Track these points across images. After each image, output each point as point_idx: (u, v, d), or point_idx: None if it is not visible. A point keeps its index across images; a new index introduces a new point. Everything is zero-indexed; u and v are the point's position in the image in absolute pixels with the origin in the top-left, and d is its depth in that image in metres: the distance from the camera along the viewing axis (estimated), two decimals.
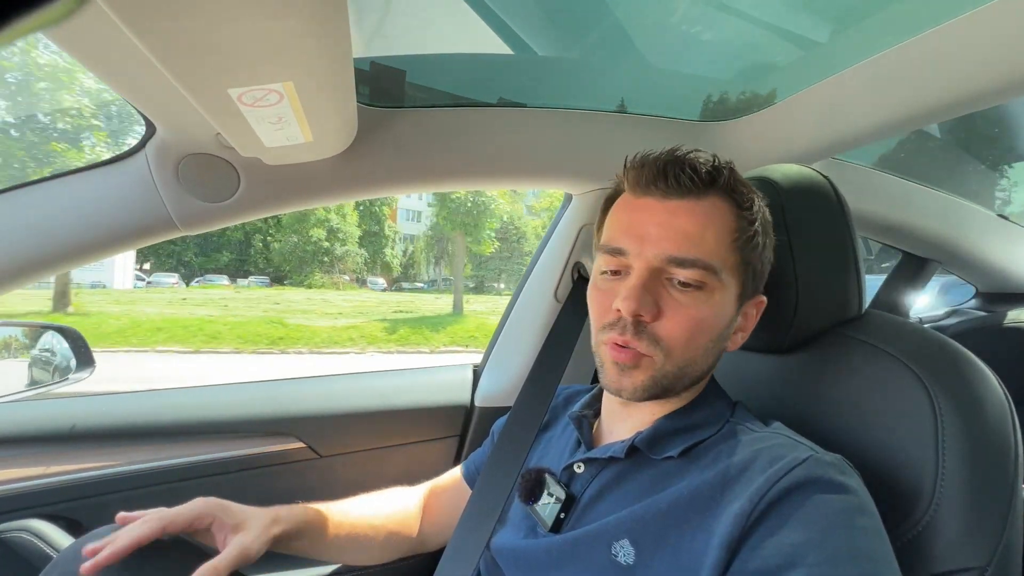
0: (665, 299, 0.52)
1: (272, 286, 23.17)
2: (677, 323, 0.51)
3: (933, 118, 0.76)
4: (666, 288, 0.52)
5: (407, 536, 0.78)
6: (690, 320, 0.51)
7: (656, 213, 0.53)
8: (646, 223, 0.53)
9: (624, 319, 0.52)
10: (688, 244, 0.51)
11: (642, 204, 0.54)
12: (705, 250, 0.51)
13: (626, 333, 0.52)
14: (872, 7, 0.73)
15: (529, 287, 1.13)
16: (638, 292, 0.51)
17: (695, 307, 0.51)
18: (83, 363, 1.02)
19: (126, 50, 0.51)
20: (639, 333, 0.52)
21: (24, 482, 0.86)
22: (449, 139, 0.85)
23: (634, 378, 0.53)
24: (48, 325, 1.07)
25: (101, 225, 0.76)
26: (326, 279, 23.18)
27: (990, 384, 0.53)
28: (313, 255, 23.08)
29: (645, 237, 0.52)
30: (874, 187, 1.18)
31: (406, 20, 0.82)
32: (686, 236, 0.51)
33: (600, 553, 0.51)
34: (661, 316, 0.51)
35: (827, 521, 0.43)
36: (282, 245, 23.21)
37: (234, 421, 0.98)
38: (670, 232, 0.51)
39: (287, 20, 0.45)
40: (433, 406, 1.10)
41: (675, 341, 0.52)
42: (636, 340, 0.51)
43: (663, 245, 0.51)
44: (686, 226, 0.51)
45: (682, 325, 0.51)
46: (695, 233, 0.51)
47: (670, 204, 0.52)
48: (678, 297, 0.51)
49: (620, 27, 0.81)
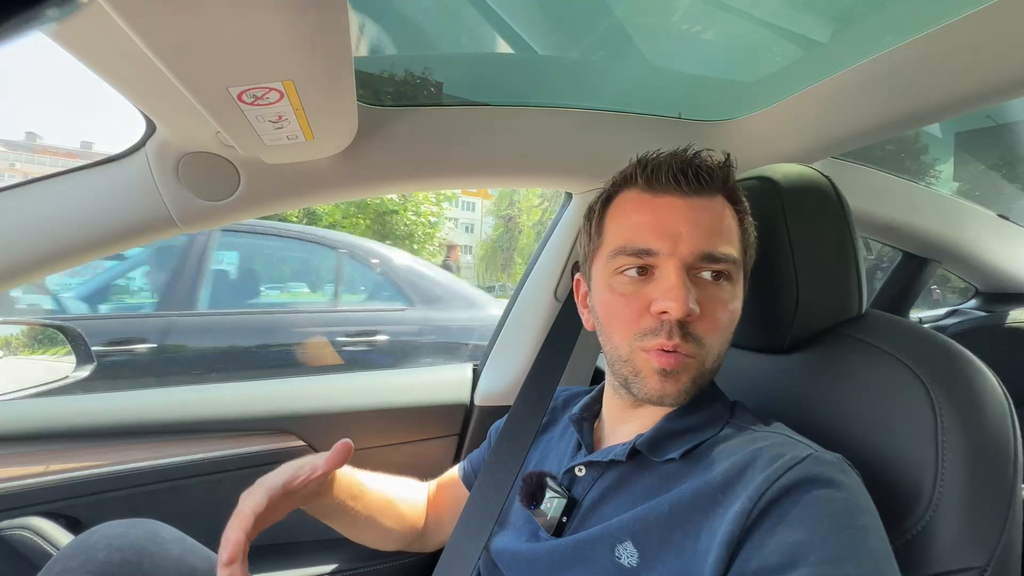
0: (700, 296, 0.51)
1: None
2: (717, 319, 0.51)
3: (933, 118, 0.76)
4: (698, 285, 0.51)
5: (413, 525, 0.78)
6: (726, 314, 0.52)
7: (681, 211, 0.52)
8: (675, 221, 0.51)
9: (669, 322, 0.50)
10: (717, 238, 0.51)
11: (663, 203, 0.53)
12: (731, 244, 0.52)
13: (674, 337, 0.50)
14: (872, 7, 0.73)
15: (529, 287, 1.13)
16: (685, 292, 0.49)
17: (729, 301, 0.52)
18: (83, 362, 1.02)
19: (126, 48, 0.51)
20: (686, 336, 0.50)
21: (24, 480, 0.86)
22: (449, 138, 0.85)
23: (680, 382, 0.51)
24: (49, 323, 1.07)
25: (101, 224, 0.76)
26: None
27: (990, 384, 0.53)
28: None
29: (677, 236, 0.51)
30: (874, 187, 1.18)
31: (406, 19, 0.82)
32: (715, 231, 0.52)
33: (603, 556, 0.51)
34: (700, 314, 0.50)
35: (827, 520, 0.43)
36: None
37: (234, 419, 0.98)
38: (700, 228, 0.51)
39: (287, 18, 0.45)
40: (433, 405, 1.10)
41: (715, 337, 0.52)
42: (685, 344, 0.50)
43: (696, 242, 0.51)
44: (710, 221, 0.52)
45: (721, 319, 0.51)
46: (719, 228, 0.52)
47: (692, 201, 0.52)
48: (712, 292, 0.51)
49: (620, 27, 0.81)
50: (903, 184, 1.22)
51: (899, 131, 0.78)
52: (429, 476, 0.89)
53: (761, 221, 0.60)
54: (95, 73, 0.59)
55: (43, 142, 36.89)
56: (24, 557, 0.82)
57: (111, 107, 22.00)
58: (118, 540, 0.59)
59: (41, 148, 23.50)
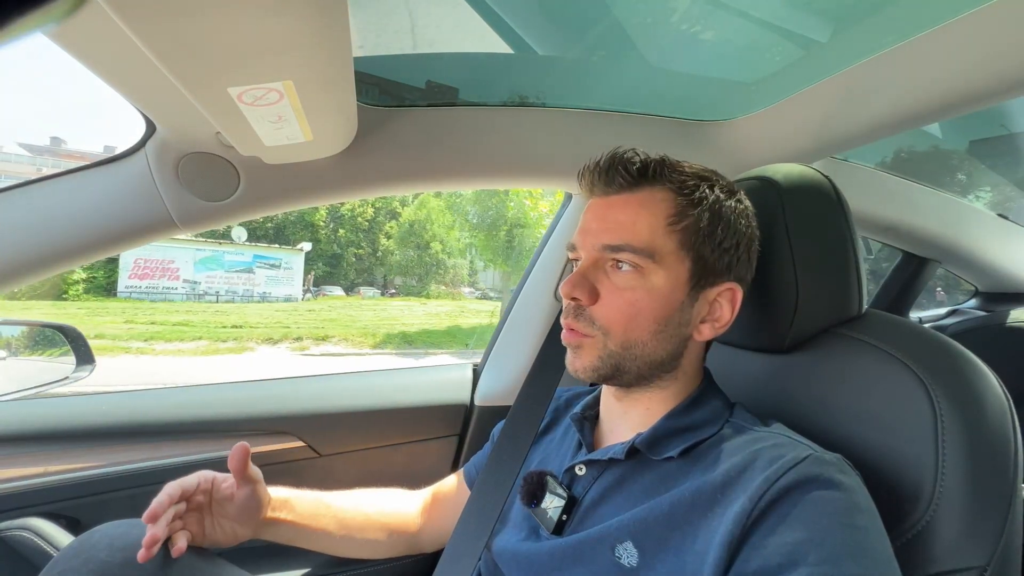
0: (604, 284, 0.56)
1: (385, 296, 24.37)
2: (611, 304, 0.55)
3: (933, 118, 0.76)
4: (606, 274, 0.56)
5: (404, 532, 0.78)
6: (624, 301, 0.55)
7: (598, 209, 0.58)
8: (590, 219, 0.58)
9: (569, 304, 0.57)
10: (620, 231, 0.55)
11: (591, 204, 0.60)
12: (635, 235, 0.54)
13: (568, 316, 0.57)
14: (872, 7, 0.73)
15: (529, 286, 1.13)
16: (575, 278, 0.56)
17: (629, 289, 0.55)
18: (83, 362, 1.02)
19: (126, 49, 0.51)
20: (578, 316, 0.57)
21: (24, 480, 0.86)
22: (449, 139, 0.85)
23: (582, 359, 0.57)
24: (49, 324, 1.07)
25: (101, 224, 0.76)
26: (442, 290, 24.76)
27: (990, 384, 0.53)
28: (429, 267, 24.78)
29: (588, 231, 0.57)
30: (874, 187, 1.18)
31: (406, 19, 0.82)
32: (619, 225, 0.55)
33: (603, 555, 0.51)
34: (599, 300, 0.56)
35: (827, 520, 0.43)
36: (401, 258, 24.74)
37: (234, 420, 0.98)
38: (606, 224, 0.56)
39: (287, 19, 0.45)
40: (433, 405, 1.10)
41: (611, 321, 0.55)
42: (575, 322, 0.57)
43: (600, 236, 0.56)
44: (619, 216, 0.56)
45: (615, 305, 0.55)
46: (627, 221, 0.55)
47: (609, 199, 0.57)
48: (615, 280, 0.55)
49: (620, 26, 0.81)
50: (903, 184, 1.22)
51: (899, 131, 0.78)
52: (429, 476, 0.89)
53: (761, 221, 0.60)
54: (95, 74, 0.59)
55: (68, 147, 36.97)
56: (24, 557, 0.82)
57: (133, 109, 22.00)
58: (120, 539, 0.59)
59: (66, 153, 23.57)
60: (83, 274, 15.30)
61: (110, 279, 15.85)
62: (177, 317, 13.01)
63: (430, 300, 22.84)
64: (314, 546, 0.74)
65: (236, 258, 17.66)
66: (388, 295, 24.37)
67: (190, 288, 16.73)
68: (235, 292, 17.45)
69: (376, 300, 22.17)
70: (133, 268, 15.93)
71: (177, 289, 16.50)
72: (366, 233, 24.68)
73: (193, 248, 16.80)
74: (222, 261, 17.39)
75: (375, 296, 23.83)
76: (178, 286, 16.55)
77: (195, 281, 16.86)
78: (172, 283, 16.48)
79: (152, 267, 16.19)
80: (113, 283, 15.81)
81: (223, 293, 17.22)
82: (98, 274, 15.75)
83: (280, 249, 19.30)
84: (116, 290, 15.69)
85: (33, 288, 13.56)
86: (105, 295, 15.62)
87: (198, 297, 16.72)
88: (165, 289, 16.32)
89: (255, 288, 17.82)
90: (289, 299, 18.21)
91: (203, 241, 17.36)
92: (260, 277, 17.96)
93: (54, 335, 1.07)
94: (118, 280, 15.75)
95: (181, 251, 16.46)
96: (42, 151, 32.39)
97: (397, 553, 0.79)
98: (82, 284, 15.39)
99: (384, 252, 24.88)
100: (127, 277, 15.93)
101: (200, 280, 16.95)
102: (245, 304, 16.54)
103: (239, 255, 17.74)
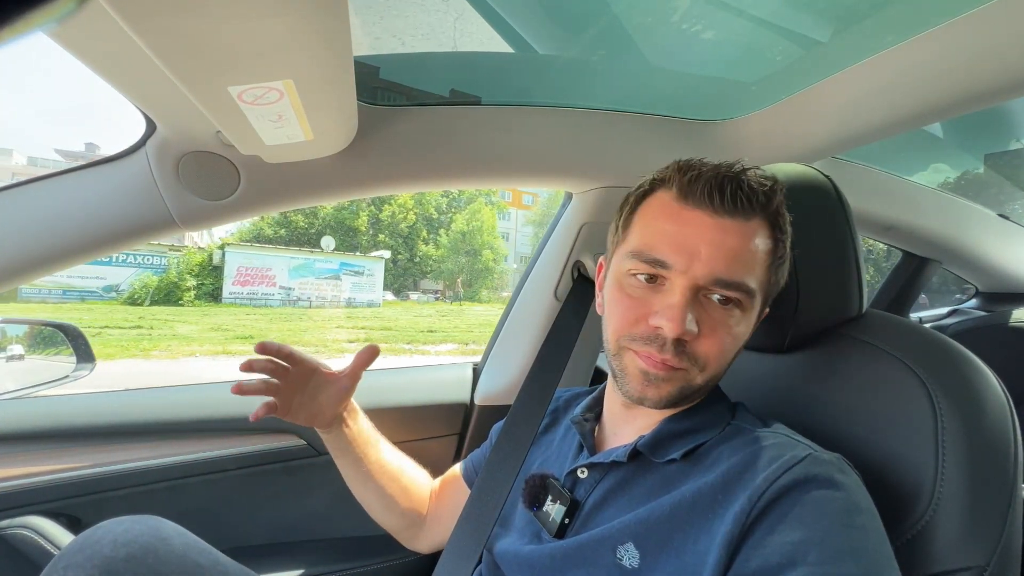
0: (703, 317, 0.51)
1: (438, 300, 25.28)
2: (716, 341, 0.51)
3: (934, 117, 0.76)
4: (703, 306, 0.51)
5: (416, 510, 0.81)
6: (729, 338, 0.52)
7: (707, 230, 0.50)
8: (696, 240, 0.50)
9: (664, 337, 0.50)
10: (737, 266, 0.50)
11: (691, 217, 0.51)
12: (750, 273, 0.50)
13: (666, 352, 0.50)
14: (872, 7, 0.72)
15: (529, 286, 1.13)
16: (683, 313, 0.49)
17: (735, 326, 0.51)
18: (84, 360, 1.02)
19: (126, 48, 0.51)
20: (679, 352, 0.51)
21: (25, 479, 0.86)
22: (449, 138, 0.85)
23: (662, 389, 0.52)
24: (49, 322, 1.07)
25: (101, 223, 0.76)
26: (492, 295, 25.87)
27: (990, 384, 0.53)
28: (480, 273, 25.97)
29: (695, 255, 0.50)
30: (875, 187, 1.18)
31: (406, 18, 0.81)
32: (736, 257, 0.50)
33: (605, 557, 0.51)
34: (700, 334, 0.51)
35: (827, 519, 0.43)
36: (454, 265, 25.82)
37: (234, 418, 0.98)
38: (721, 252, 0.49)
39: (287, 18, 0.45)
40: (433, 404, 1.10)
41: (712, 358, 0.52)
42: (675, 358, 0.51)
43: (713, 265, 0.49)
44: (735, 246, 0.50)
45: (721, 343, 0.51)
46: (744, 255, 0.50)
47: (722, 222, 0.50)
48: (717, 316, 0.51)
49: (620, 26, 0.81)
50: (903, 184, 1.22)
51: (899, 131, 0.78)
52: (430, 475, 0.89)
53: None
54: (95, 73, 0.59)
55: (102, 152, 37.34)
56: (25, 556, 0.82)
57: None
58: (123, 536, 0.59)
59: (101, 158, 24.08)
60: (193, 281, 16.43)
61: (216, 285, 16.86)
62: (333, 323, 14.24)
63: (482, 304, 23.70)
64: (347, 468, 0.79)
65: (325, 265, 18.75)
66: (434, 299, 25.10)
67: (285, 294, 17.80)
68: (324, 298, 18.43)
69: (435, 304, 22.92)
70: (236, 275, 17.00)
71: (274, 295, 17.59)
72: (405, 239, 25.65)
73: (287, 256, 18.26)
74: (313, 268, 18.46)
75: (424, 300, 24.46)
76: (275, 292, 17.62)
77: (289, 287, 17.86)
78: (270, 289, 17.54)
79: (252, 274, 17.27)
80: (218, 289, 16.79)
81: (314, 299, 18.23)
82: (206, 281, 16.85)
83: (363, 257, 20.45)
84: (221, 296, 16.67)
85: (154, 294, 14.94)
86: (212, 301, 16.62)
87: (292, 303, 17.72)
88: (264, 295, 17.39)
89: (341, 294, 18.81)
90: (371, 304, 19.29)
91: (296, 249, 19.57)
92: (346, 283, 18.96)
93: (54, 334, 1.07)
94: (223, 286, 16.76)
95: (277, 259, 17.88)
96: (77, 157, 32.58)
97: (402, 527, 0.81)
98: (193, 291, 16.38)
99: (423, 258, 25.87)
100: (231, 284, 16.88)
101: (293, 286, 17.99)
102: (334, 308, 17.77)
103: (328, 263, 18.88)
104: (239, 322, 13.23)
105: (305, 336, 12.01)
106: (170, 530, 0.63)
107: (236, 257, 17.09)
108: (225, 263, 16.74)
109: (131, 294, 15.63)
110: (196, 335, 11.01)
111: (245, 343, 10.20)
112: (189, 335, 10.97)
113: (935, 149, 1.32)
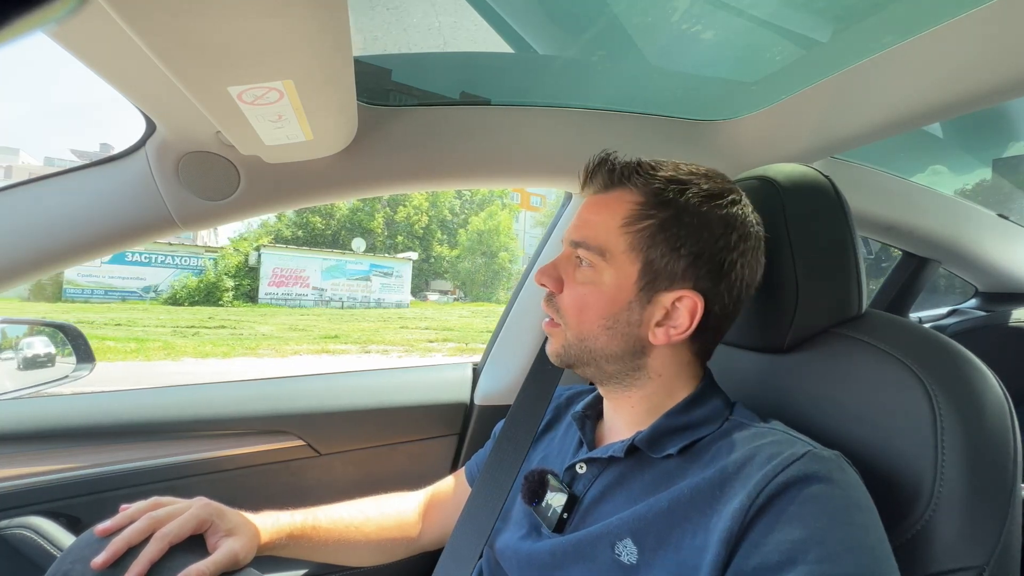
0: (568, 277, 0.59)
1: (454, 302, 25.48)
2: (568, 296, 0.58)
3: (933, 118, 0.76)
4: (573, 269, 0.59)
5: (403, 539, 0.78)
6: (577, 294, 0.57)
7: (580, 207, 0.61)
8: (575, 215, 0.61)
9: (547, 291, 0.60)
10: (583, 229, 0.58)
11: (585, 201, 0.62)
12: (592, 234, 0.57)
13: (550, 308, 0.60)
14: (872, 7, 0.72)
15: (529, 286, 1.13)
16: (547, 267, 0.60)
17: (582, 284, 0.57)
18: (84, 360, 1.02)
19: (126, 48, 0.51)
20: (549, 303, 0.60)
21: (25, 479, 0.86)
22: (449, 138, 0.85)
23: (552, 345, 0.61)
24: (49, 323, 1.07)
25: (101, 223, 0.76)
26: (509, 296, 26.01)
27: (990, 384, 0.53)
28: (496, 274, 26.40)
29: (568, 227, 0.61)
30: (874, 187, 1.18)
31: (406, 18, 0.81)
32: (585, 223, 0.58)
33: (603, 553, 0.51)
34: (562, 291, 0.59)
35: (826, 517, 0.43)
36: (471, 265, 26.08)
37: (234, 419, 0.99)
38: (579, 221, 0.59)
39: (287, 18, 0.45)
40: (432, 404, 1.10)
41: (567, 311, 0.58)
42: (548, 308, 0.60)
43: (571, 232, 0.59)
44: (588, 215, 0.59)
45: (570, 297, 0.58)
46: (591, 220, 0.58)
47: (590, 198, 0.60)
48: (573, 274, 0.58)
49: (620, 26, 0.81)
50: (903, 184, 1.22)
51: (899, 131, 0.78)
52: (429, 475, 0.89)
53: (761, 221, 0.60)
54: (95, 73, 0.59)
55: (116, 152, 37.86)
56: (24, 556, 0.82)
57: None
58: None
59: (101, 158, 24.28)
60: (231, 282, 16.78)
61: (252, 286, 17.27)
62: (393, 324, 14.51)
63: (502, 304, 23.72)
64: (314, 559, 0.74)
65: (356, 267, 19.07)
66: (452, 300, 25.28)
67: (318, 295, 18.14)
68: (355, 298, 18.77)
69: (461, 305, 23.17)
70: (272, 276, 17.38)
71: (308, 296, 17.93)
72: (420, 240, 25.90)
73: (320, 258, 18.59)
74: (344, 270, 18.75)
75: (444, 301, 24.61)
76: (308, 293, 17.96)
77: (322, 288, 18.18)
78: (304, 290, 17.88)
79: (287, 276, 17.63)
80: (255, 290, 17.17)
81: (345, 299, 18.56)
82: (243, 282, 17.29)
83: (391, 258, 20.77)
84: (257, 296, 17.05)
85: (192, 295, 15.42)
86: (249, 301, 17.00)
87: (325, 303, 18.04)
88: (298, 295, 17.75)
89: (371, 295, 19.14)
90: (399, 305, 19.66)
91: (328, 251, 19.86)
92: (376, 284, 19.28)
93: (54, 334, 1.07)
94: (259, 287, 17.13)
95: (310, 261, 18.19)
96: (92, 157, 32.83)
97: (396, 557, 0.79)
98: (231, 291, 16.71)
99: (437, 258, 26.12)
100: (267, 284, 17.22)
101: (326, 287, 18.29)
102: (366, 310, 18.23)
103: (358, 264, 19.20)
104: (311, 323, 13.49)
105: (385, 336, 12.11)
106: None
107: (271, 259, 17.39)
108: (261, 264, 17.03)
109: (172, 294, 15.84)
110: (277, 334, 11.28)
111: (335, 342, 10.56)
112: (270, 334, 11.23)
113: (935, 149, 1.32)
